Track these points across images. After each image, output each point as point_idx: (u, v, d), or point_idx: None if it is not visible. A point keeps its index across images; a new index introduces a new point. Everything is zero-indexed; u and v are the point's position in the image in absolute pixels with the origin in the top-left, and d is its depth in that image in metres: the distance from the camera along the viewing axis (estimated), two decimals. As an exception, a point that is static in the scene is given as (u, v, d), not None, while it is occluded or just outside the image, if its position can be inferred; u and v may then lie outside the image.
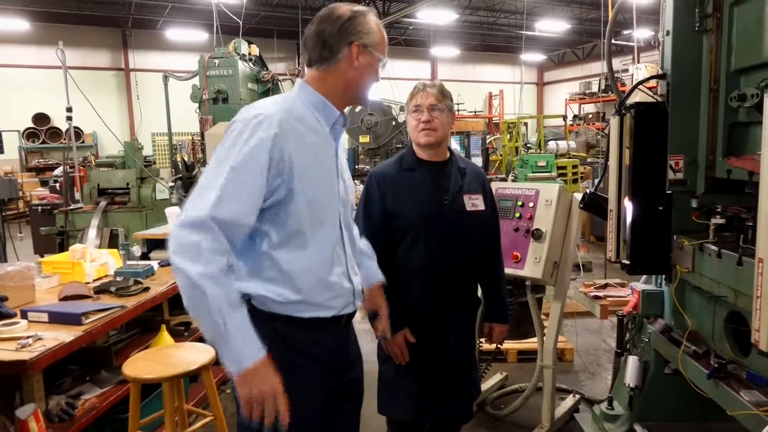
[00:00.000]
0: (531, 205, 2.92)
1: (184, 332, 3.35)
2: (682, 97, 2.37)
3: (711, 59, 2.29)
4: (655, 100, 2.46)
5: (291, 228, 1.44)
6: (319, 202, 1.48)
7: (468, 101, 20.20)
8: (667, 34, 2.42)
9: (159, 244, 3.67)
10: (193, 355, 2.32)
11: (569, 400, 3.30)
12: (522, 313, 3.19)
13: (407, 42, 19.20)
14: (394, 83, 16.20)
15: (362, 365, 1.75)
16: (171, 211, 4.01)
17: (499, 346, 3.18)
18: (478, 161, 14.29)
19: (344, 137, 1.69)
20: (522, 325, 3.25)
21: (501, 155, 12.62)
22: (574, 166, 9.61)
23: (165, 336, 2.97)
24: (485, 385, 3.48)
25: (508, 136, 12.39)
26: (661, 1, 2.51)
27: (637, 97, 2.56)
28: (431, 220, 2.15)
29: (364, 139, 12.56)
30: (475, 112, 20.66)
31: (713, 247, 2.05)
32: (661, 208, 2.40)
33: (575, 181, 9.45)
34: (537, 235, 2.80)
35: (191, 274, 1.27)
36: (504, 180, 8.44)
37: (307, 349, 1.50)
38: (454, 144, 14.81)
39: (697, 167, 2.35)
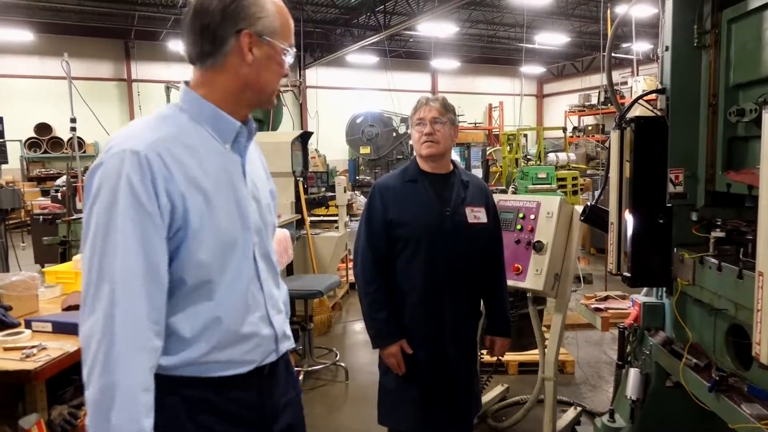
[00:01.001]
0: (532, 217, 2.94)
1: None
2: (681, 112, 2.40)
3: (710, 74, 2.33)
4: (654, 114, 2.49)
5: (193, 279, 1.15)
6: (227, 240, 1.19)
7: (468, 113, 20.30)
8: (666, 49, 2.46)
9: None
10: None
11: (570, 413, 3.30)
12: (523, 325, 3.19)
13: (408, 54, 19.35)
14: (394, 95, 16.33)
15: (300, 409, 1.51)
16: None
17: (500, 358, 3.19)
18: (478, 173, 14.36)
19: (255, 147, 1.36)
20: (523, 337, 3.26)
21: (501, 167, 12.66)
22: (574, 178, 9.65)
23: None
24: (486, 397, 3.48)
25: (508, 147, 12.44)
26: (660, 16, 2.55)
27: (637, 110, 2.59)
28: (432, 230, 2.18)
29: (365, 150, 12.63)
30: (475, 124, 20.75)
31: (713, 260, 2.06)
32: (661, 221, 2.42)
33: (575, 193, 9.48)
34: (538, 247, 2.82)
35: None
36: (504, 192, 8.47)
37: (223, 410, 1.22)
38: (455, 155, 14.88)
39: (696, 181, 2.38)
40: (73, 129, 6.01)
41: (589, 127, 19.06)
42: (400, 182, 2.27)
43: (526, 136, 15.29)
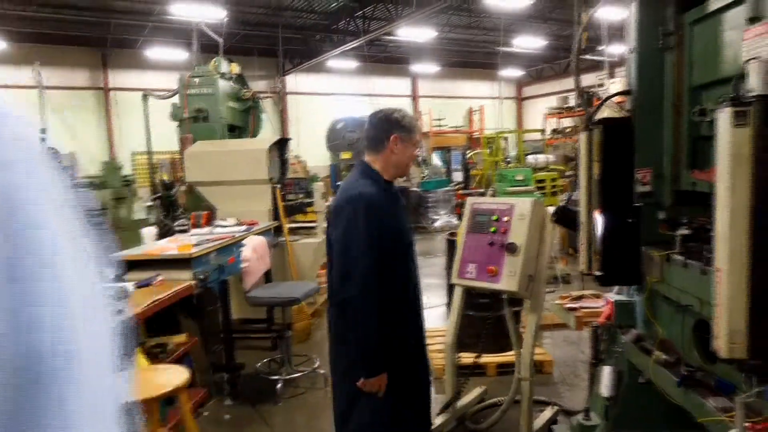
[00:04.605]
0: (506, 219, 2.96)
1: (161, 354, 3.30)
2: (647, 112, 2.44)
3: (674, 76, 2.37)
4: (622, 116, 2.53)
5: None
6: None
7: (449, 117, 20.41)
8: (632, 51, 2.50)
9: (135, 265, 3.63)
10: (167, 377, 2.30)
11: (547, 412, 3.31)
12: (500, 327, 3.21)
13: (388, 59, 19.38)
14: (375, 100, 16.34)
15: None
16: (148, 232, 3.98)
17: (477, 360, 3.21)
18: (458, 176, 14.42)
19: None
20: (500, 339, 3.27)
21: (482, 170, 12.74)
22: (553, 179, 9.74)
23: (140, 359, 2.93)
24: (465, 400, 3.49)
25: (489, 150, 12.51)
26: (627, 19, 2.59)
27: (606, 112, 2.62)
28: (409, 242, 2.25)
29: (346, 155, 12.63)
30: (456, 128, 20.85)
31: (679, 258, 2.10)
32: (630, 220, 2.45)
33: (554, 193, 9.57)
34: (512, 249, 2.84)
35: None
36: (483, 194, 8.51)
37: None
38: (437, 159, 14.92)
39: (663, 180, 2.41)
40: (43, 140, 5.92)
41: (568, 129, 19.24)
42: (380, 193, 2.23)
43: (506, 138, 15.41)
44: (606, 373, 2.55)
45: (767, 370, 1.44)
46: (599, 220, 2.46)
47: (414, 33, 14.38)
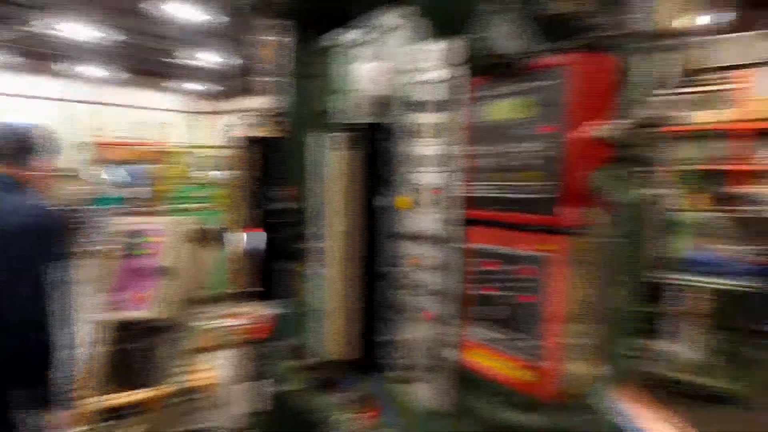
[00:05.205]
0: (157, 240, 2.77)
1: None
2: (293, 133, 2.60)
3: (311, 101, 2.59)
4: (276, 135, 2.65)
5: None
6: None
7: (128, 127, 18.60)
8: (282, 75, 2.65)
9: None
10: None
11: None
12: (157, 358, 2.97)
13: (43, 56, 16.48)
14: (24, 101, 13.69)
15: None
16: None
17: (134, 398, 2.90)
18: (141, 191, 13.24)
19: None
20: (159, 370, 3.03)
21: (163, 185, 11.97)
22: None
23: None
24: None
25: (172, 165, 11.85)
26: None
27: (261, 131, 2.71)
28: None
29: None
30: (136, 141, 19.16)
31: (310, 269, 2.28)
32: (278, 235, 2.56)
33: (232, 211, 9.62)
34: (163, 272, 2.66)
35: None
36: (131, 213, 7.97)
37: None
38: (108, 173, 13.35)
39: (304, 198, 2.60)
40: None
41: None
42: None
43: (192, 153, 14.86)
44: (256, 387, 2.59)
45: (367, 366, 1.63)
46: (247, 237, 2.50)
47: (74, 30, 12.65)
